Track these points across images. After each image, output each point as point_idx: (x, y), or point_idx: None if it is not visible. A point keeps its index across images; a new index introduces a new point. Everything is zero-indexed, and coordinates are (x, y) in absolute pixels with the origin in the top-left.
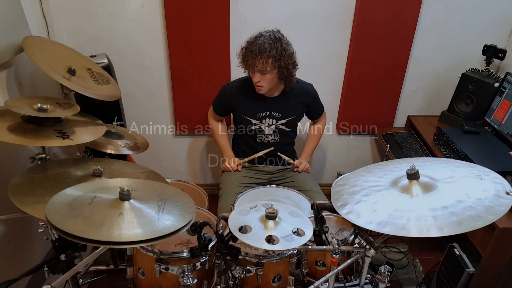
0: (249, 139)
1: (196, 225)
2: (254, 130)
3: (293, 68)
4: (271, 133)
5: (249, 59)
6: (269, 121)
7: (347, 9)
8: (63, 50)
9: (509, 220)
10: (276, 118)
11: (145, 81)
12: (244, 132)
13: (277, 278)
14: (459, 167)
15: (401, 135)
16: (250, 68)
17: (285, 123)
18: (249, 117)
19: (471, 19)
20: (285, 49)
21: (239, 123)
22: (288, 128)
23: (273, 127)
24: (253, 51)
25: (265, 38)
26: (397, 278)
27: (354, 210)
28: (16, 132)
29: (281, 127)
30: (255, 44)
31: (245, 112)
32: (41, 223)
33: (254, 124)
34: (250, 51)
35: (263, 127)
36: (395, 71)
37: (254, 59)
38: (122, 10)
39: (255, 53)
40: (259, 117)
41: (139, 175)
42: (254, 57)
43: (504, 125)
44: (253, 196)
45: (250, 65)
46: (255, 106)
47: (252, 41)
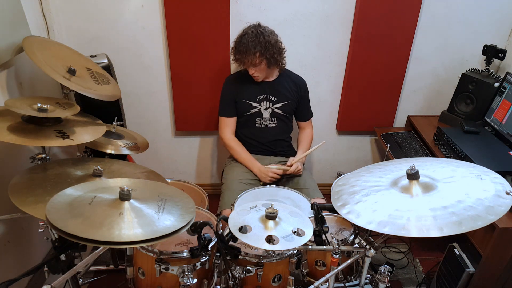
0: (249, 126)
1: (196, 225)
2: (253, 115)
3: (280, 55)
4: (268, 116)
5: (239, 57)
6: (266, 104)
7: (347, 9)
8: (63, 50)
9: (509, 220)
10: (272, 101)
11: (145, 81)
12: (244, 120)
13: (277, 278)
14: (459, 167)
15: (401, 135)
16: (242, 64)
17: (280, 107)
18: (249, 101)
19: (471, 19)
20: (268, 41)
21: (240, 110)
22: (284, 113)
23: (270, 110)
24: (240, 50)
25: (248, 36)
26: (397, 278)
27: (354, 210)
28: (16, 132)
29: (276, 111)
30: (241, 43)
31: (246, 96)
32: (41, 223)
33: (253, 107)
34: (238, 50)
35: (262, 109)
36: (395, 71)
37: (243, 57)
38: (122, 10)
39: (243, 52)
40: (258, 100)
41: (139, 175)
42: (243, 56)
43: (504, 125)
44: (253, 196)
45: (242, 62)
46: (254, 89)
47: (238, 41)
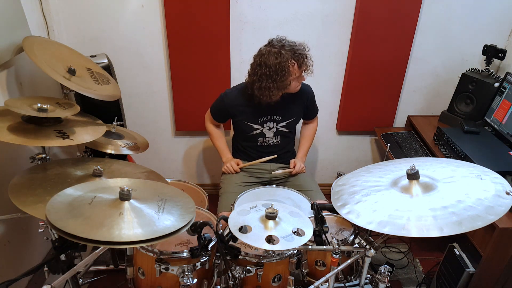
0: (251, 143)
1: (196, 225)
2: (255, 135)
3: None
4: (271, 135)
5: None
6: (270, 125)
7: (347, 9)
8: (63, 50)
9: (509, 220)
10: (277, 121)
11: (145, 81)
12: (245, 137)
13: (277, 278)
14: (459, 167)
15: (401, 135)
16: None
17: (285, 125)
18: (250, 123)
19: (471, 19)
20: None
21: (240, 129)
22: (288, 129)
23: (274, 129)
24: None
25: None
26: (397, 278)
27: (354, 210)
28: (16, 132)
29: (281, 129)
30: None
31: (246, 119)
32: (41, 223)
33: (255, 129)
34: (300, 56)
35: (264, 131)
36: (395, 71)
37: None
38: (122, 10)
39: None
40: (261, 121)
41: (139, 175)
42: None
43: (504, 125)
44: (253, 196)
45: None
46: (255, 111)
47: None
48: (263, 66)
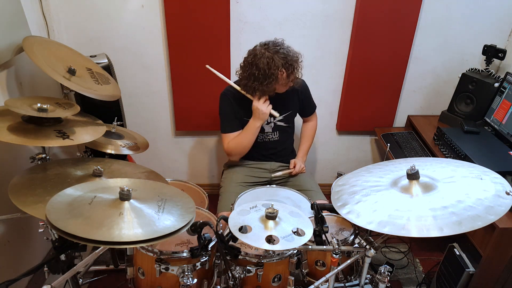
0: None
1: (196, 225)
2: None
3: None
4: (270, 131)
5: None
6: (268, 119)
7: (347, 9)
8: (63, 50)
9: (509, 220)
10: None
11: (145, 81)
12: None
13: (277, 278)
14: (459, 167)
15: (401, 135)
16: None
17: (282, 119)
18: (249, 118)
19: (471, 19)
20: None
21: (241, 127)
22: (286, 123)
23: (272, 124)
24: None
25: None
26: (397, 278)
27: (354, 210)
28: (16, 132)
29: (278, 123)
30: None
31: (246, 114)
32: (41, 223)
33: None
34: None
35: (263, 125)
36: (395, 71)
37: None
38: (122, 10)
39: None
40: None
41: (139, 175)
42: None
43: (504, 125)
44: (253, 196)
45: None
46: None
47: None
48: (254, 66)
